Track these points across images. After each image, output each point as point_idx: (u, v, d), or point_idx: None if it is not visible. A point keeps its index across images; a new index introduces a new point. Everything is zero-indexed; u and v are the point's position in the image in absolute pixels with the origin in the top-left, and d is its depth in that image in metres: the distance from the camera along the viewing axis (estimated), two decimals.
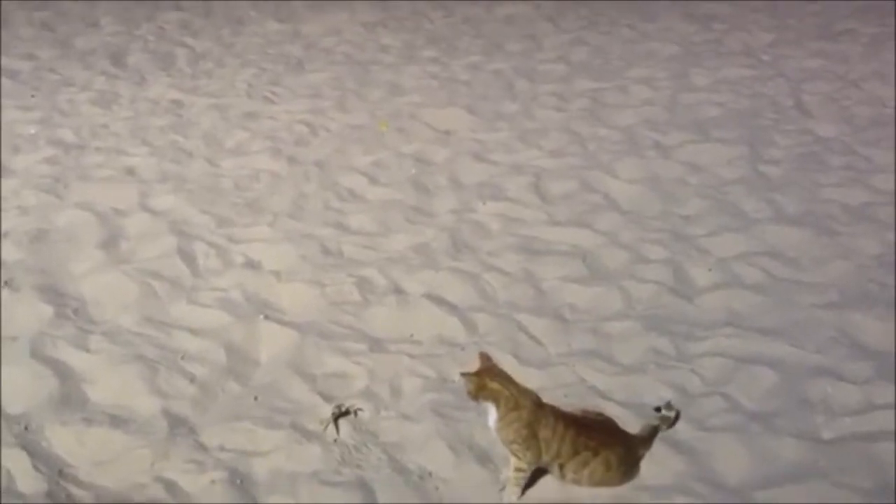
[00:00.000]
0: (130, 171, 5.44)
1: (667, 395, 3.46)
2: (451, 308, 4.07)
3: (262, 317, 4.00)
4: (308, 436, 3.27)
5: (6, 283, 4.13)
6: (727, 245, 4.56)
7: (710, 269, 4.34)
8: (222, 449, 3.20)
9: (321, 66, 7.53)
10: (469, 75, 7.22)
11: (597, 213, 4.93)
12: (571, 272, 4.37)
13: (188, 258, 4.45)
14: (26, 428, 3.21)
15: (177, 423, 3.30)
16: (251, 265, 4.44)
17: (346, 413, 3.38)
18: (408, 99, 6.73)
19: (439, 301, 4.11)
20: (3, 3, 9.30)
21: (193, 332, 3.86)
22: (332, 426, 3.31)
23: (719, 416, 3.33)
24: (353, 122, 6.31)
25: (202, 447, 3.20)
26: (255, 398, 3.48)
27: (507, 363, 3.67)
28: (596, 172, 5.40)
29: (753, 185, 5.22)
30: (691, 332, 3.88)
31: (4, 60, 7.50)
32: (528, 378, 3.57)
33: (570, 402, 3.35)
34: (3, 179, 5.22)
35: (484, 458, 3.16)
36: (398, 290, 4.22)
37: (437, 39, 8.20)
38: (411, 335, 3.90)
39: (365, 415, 3.40)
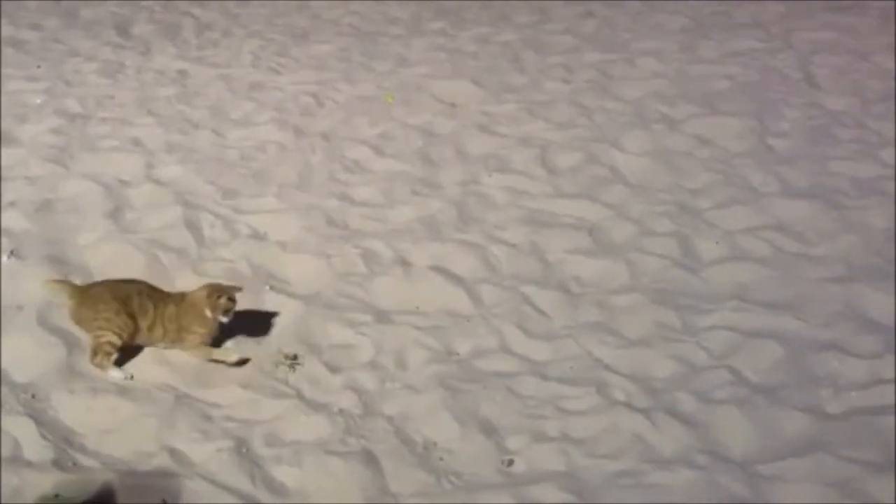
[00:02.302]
0: (136, 142, 5.43)
1: (672, 367, 3.46)
2: (457, 280, 4.07)
3: (267, 287, 4.00)
4: (314, 406, 3.28)
5: (12, 252, 4.13)
6: (734, 218, 4.55)
7: (717, 243, 4.33)
8: (228, 419, 3.22)
9: (328, 38, 7.49)
10: (476, 47, 7.17)
11: (604, 186, 4.91)
12: (578, 245, 4.36)
13: (194, 229, 4.44)
14: (33, 396, 3.22)
15: (183, 393, 3.32)
16: (257, 236, 4.44)
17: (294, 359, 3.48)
18: (415, 71, 6.69)
19: (445, 273, 4.11)
20: None
21: None
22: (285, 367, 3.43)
23: (724, 389, 3.34)
24: (359, 94, 6.27)
25: (208, 417, 3.22)
26: (261, 368, 3.48)
27: (512, 335, 3.71)
28: (603, 145, 5.37)
29: (761, 159, 5.19)
30: (698, 305, 3.87)
31: (10, 30, 7.46)
32: (534, 350, 3.60)
33: (575, 376, 3.37)
34: (9, 149, 5.20)
35: (489, 430, 3.17)
36: (404, 262, 4.22)
37: (444, 11, 8.14)
38: (417, 307, 3.90)
39: (370, 385, 3.41)
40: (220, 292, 3.44)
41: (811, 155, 5.22)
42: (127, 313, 3.37)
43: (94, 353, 3.34)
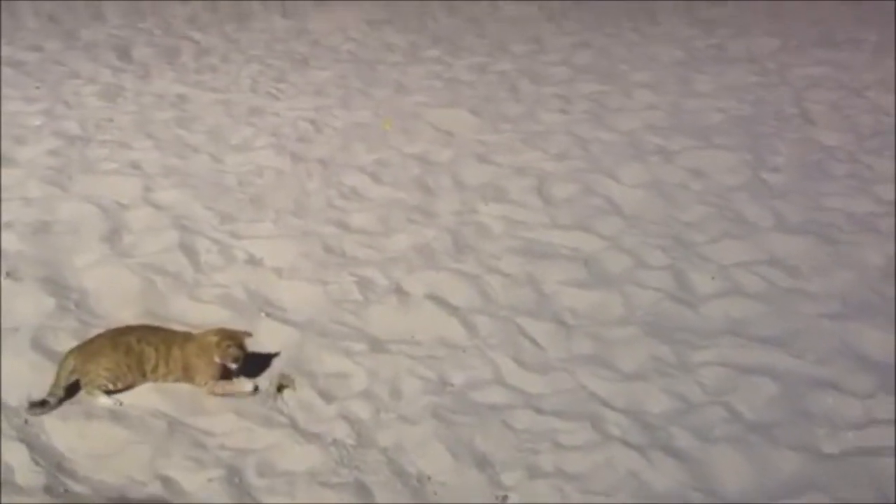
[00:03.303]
0: (135, 165, 5.43)
1: (667, 402, 3.46)
2: (452, 309, 4.07)
3: (263, 314, 4.00)
4: (307, 436, 3.27)
5: (7, 273, 4.11)
6: (729, 252, 4.57)
7: (713, 278, 4.34)
8: (222, 447, 3.20)
9: (326, 64, 7.53)
10: (473, 76, 7.23)
11: (599, 218, 4.93)
12: (573, 276, 4.37)
13: (190, 253, 4.44)
14: (26, 421, 3.20)
15: (176, 420, 3.30)
16: (253, 262, 4.44)
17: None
18: (412, 98, 6.74)
19: (440, 302, 4.12)
20: None
21: (194, 327, 3.85)
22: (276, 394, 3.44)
23: (720, 427, 3.34)
24: (357, 121, 6.31)
25: (201, 445, 3.20)
26: (254, 393, 3.46)
27: (507, 366, 3.70)
28: (599, 176, 5.40)
29: (756, 193, 5.22)
30: (693, 340, 3.88)
31: (9, 50, 7.49)
32: (529, 382, 3.60)
33: (570, 409, 3.37)
34: (7, 170, 5.20)
35: (483, 463, 3.16)
36: (399, 290, 4.22)
37: (441, 39, 8.20)
38: (412, 336, 3.90)
39: (364, 415, 3.40)
40: (231, 339, 3.43)
41: (805, 190, 5.26)
42: (127, 364, 3.38)
43: (88, 386, 3.34)
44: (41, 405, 3.24)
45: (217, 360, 3.41)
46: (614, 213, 4.99)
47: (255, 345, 3.58)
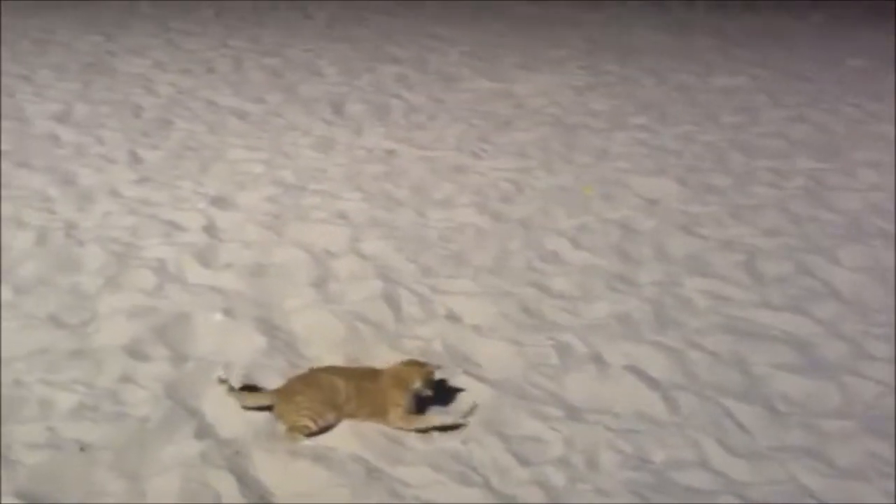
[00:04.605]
0: (343, 215, 5.65)
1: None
2: (653, 383, 3.94)
3: (460, 370, 4.00)
4: (500, 496, 3.22)
5: (225, 311, 4.35)
6: None
7: None
8: (416, 498, 3.19)
9: (529, 126, 7.61)
10: (680, 145, 7.08)
11: (815, 300, 4.66)
12: (785, 360, 4.13)
13: (393, 304, 4.54)
14: (237, 452, 3.33)
15: (374, 467, 3.34)
16: (452, 317, 4.48)
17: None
18: (615, 165, 6.68)
19: (641, 375, 3.99)
20: (238, 48, 10.03)
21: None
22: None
23: None
24: (558, 184, 6.31)
25: (397, 494, 3.21)
26: (453, 452, 3.45)
27: (711, 449, 3.52)
28: (815, 257, 5.12)
29: None
30: None
31: (236, 101, 8.04)
32: (734, 468, 3.41)
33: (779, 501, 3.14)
34: (228, 213, 5.55)
35: None
36: (598, 359, 4.12)
37: (647, 107, 8.12)
38: (610, 407, 3.79)
39: (559, 483, 3.31)
40: (423, 366, 3.60)
41: None
42: (321, 400, 3.48)
43: (289, 430, 3.45)
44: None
45: (415, 386, 3.51)
46: (832, 296, 4.70)
47: (450, 399, 3.59)
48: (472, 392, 3.81)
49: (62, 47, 9.82)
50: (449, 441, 3.50)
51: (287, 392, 3.53)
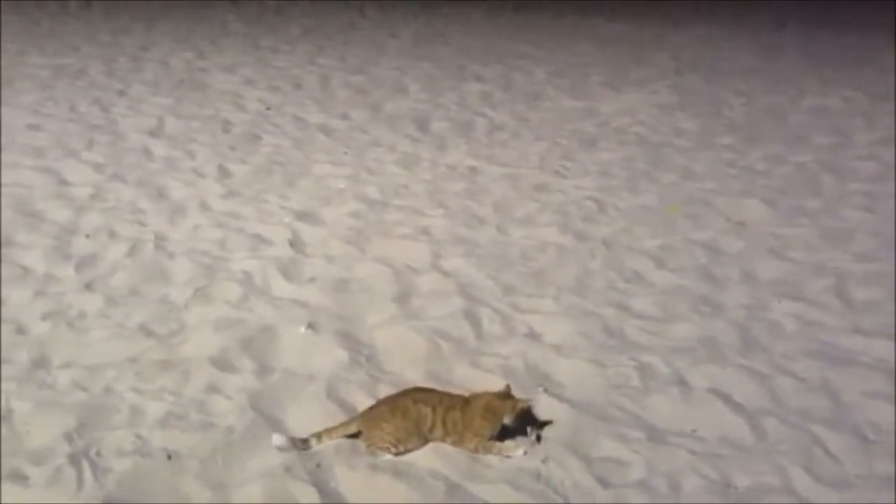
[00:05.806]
0: (425, 231, 5.70)
1: None
2: (738, 408, 3.85)
3: (541, 389, 3.98)
4: None
5: (309, 324, 4.42)
6: None
7: None
8: None
9: (613, 145, 7.56)
10: (768, 166, 6.94)
11: None
12: (876, 388, 3.99)
13: (474, 321, 4.55)
14: (318, 465, 3.38)
15: (454, 484, 3.34)
16: (533, 335, 4.46)
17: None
18: (701, 185, 6.58)
19: (725, 399, 3.91)
20: (325, 66, 10.22)
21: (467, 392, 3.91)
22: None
23: None
24: (641, 203, 6.24)
25: None
26: (533, 471, 3.43)
27: (798, 476, 3.43)
28: None
29: None
30: None
31: (322, 118, 8.20)
32: (823, 497, 3.32)
33: None
34: (313, 228, 5.65)
35: None
36: (681, 382, 4.06)
37: (735, 127, 7.98)
38: (694, 430, 3.72)
39: None
40: (517, 401, 3.57)
41: None
42: (406, 428, 3.49)
43: (371, 447, 3.49)
44: (302, 442, 3.45)
45: (507, 420, 3.50)
46: None
47: (530, 419, 3.59)
48: (551, 412, 3.79)
49: (156, 63, 10.19)
50: (529, 460, 3.48)
51: (374, 418, 3.53)
